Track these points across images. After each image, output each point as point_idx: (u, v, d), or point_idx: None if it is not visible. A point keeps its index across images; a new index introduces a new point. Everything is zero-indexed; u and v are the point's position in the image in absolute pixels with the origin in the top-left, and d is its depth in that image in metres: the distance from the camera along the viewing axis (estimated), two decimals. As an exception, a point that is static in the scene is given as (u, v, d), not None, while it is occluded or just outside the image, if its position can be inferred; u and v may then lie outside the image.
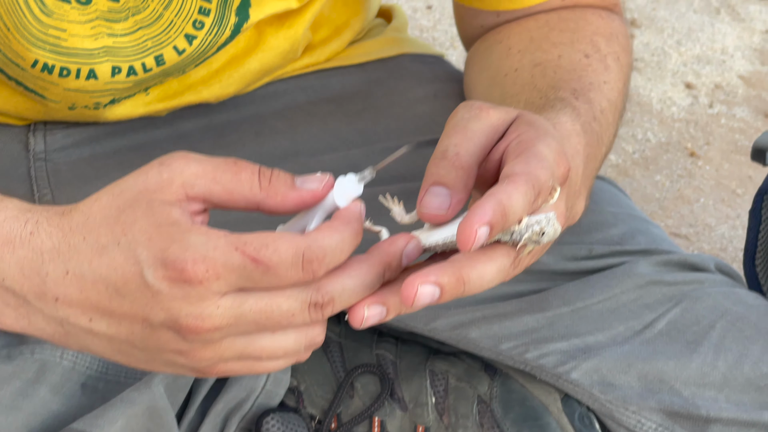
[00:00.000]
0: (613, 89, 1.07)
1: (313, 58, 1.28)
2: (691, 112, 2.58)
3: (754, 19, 2.95)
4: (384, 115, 1.25)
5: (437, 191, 0.78)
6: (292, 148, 1.22)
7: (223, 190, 0.77)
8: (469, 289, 0.76)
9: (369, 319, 0.75)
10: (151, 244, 0.74)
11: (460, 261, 0.76)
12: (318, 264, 0.75)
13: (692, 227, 2.19)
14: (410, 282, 0.73)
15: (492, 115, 0.83)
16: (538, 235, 0.77)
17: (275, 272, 0.74)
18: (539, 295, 1.08)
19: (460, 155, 0.80)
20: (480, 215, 0.73)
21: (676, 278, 1.10)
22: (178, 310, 0.75)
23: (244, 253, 0.73)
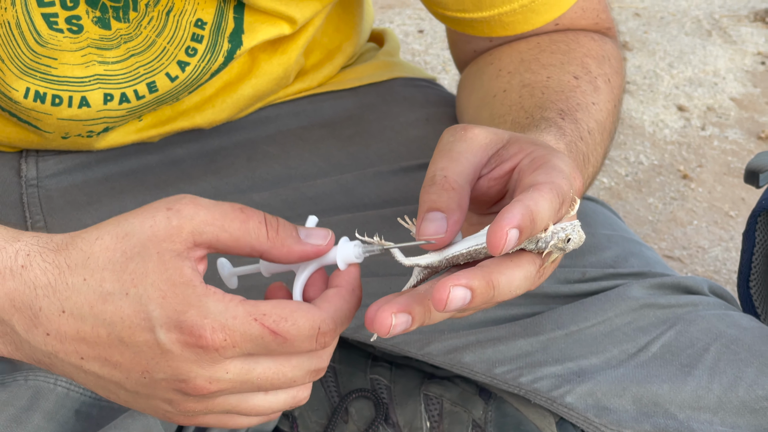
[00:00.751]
0: (602, 110, 1.07)
1: (305, 83, 1.28)
2: (684, 134, 2.58)
3: (746, 42, 2.96)
4: (376, 140, 1.26)
5: (432, 216, 0.79)
6: (285, 173, 1.22)
7: (230, 238, 0.78)
8: (498, 294, 0.76)
9: (396, 327, 0.75)
10: (166, 304, 0.75)
11: (489, 266, 0.76)
12: (330, 336, 0.77)
13: (685, 250, 2.20)
14: (442, 285, 0.73)
15: (478, 134, 0.84)
16: (564, 241, 0.77)
17: (291, 344, 0.76)
18: (533, 319, 1.08)
19: (449, 178, 0.81)
20: (509, 218, 0.73)
21: (669, 301, 1.10)
22: (187, 371, 0.76)
23: (263, 325, 0.75)
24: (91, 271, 0.76)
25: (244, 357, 0.77)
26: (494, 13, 1.13)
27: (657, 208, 2.33)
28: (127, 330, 0.76)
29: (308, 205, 1.18)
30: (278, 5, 1.08)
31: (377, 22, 3.04)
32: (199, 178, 1.22)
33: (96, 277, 0.76)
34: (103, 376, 0.79)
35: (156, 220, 0.76)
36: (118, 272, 0.76)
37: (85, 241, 0.78)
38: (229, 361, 0.76)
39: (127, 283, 0.75)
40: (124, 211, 1.14)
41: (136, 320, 0.75)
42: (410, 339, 1.08)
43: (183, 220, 0.76)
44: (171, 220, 0.77)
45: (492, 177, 0.84)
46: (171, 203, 0.77)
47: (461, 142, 0.84)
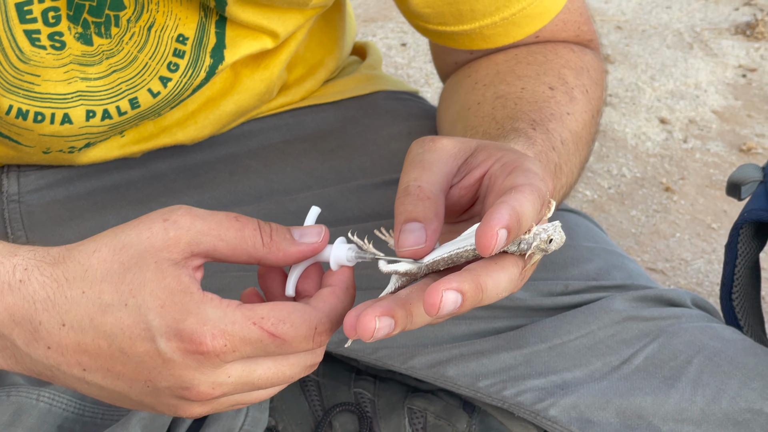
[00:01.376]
0: (578, 121, 1.07)
1: (288, 98, 1.28)
2: (666, 147, 2.59)
3: (727, 55, 2.97)
4: (358, 153, 1.26)
5: (410, 227, 0.79)
6: (267, 188, 1.22)
7: (227, 246, 0.78)
8: (486, 297, 0.76)
9: (380, 330, 0.75)
10: (165, 313, 0.75)
11: (476, 270, 0.76)
12: (327, 335, 0.78)
13: (668, 262, 2.20)
14: (434, 289, 0.73)
15: (446, 144, 0.85)
16: (546, 242, 0.77)
17: (290, 345, 0.77)
18: (516, 332, 1.08)
19: (423, 187, 0.81)
20: (498, 219, 0.73)
21: (652, 313, 1.10)
22: (190, 378, 0.77)
23: (262, 329, 0.76)
24: (89, 283, 0.77)
25: (244, 360, 0.77)
26: (475, 27, 1.13)
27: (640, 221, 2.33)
28: (127, 341, 0.76)
29: (290, 219, 1.18)
30: (260, 19, 1.08)
31: (360, 35, 3.04)
32: (182, 193, 1.21)
33: (95, 289, 0.77)
34: (106, 387, 0.79)
35: (153, 232, 0.77)
36: (116, 283, 0.76)
37: (83, 254, 0.78)
38: (230, 365, 0.77)
39: (126, 294, 0.76)
40: (106, 226, 1.14)
41: (136, 330, 0.76)
42: (393, 353, 1.08)
43: (180, 230, 0.77)
44: (168, 231, 0.77)
45: (463, 186, 0.84)
46: (167, 214, 0.78)
47: (431, 152, 0.84)
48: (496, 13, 1.12)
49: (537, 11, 1.14)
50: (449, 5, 1.12)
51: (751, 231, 1.24)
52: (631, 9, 3.23)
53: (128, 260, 0.77)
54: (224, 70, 1.11)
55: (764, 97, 2.79)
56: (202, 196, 1.21)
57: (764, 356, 1.08)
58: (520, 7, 1.12)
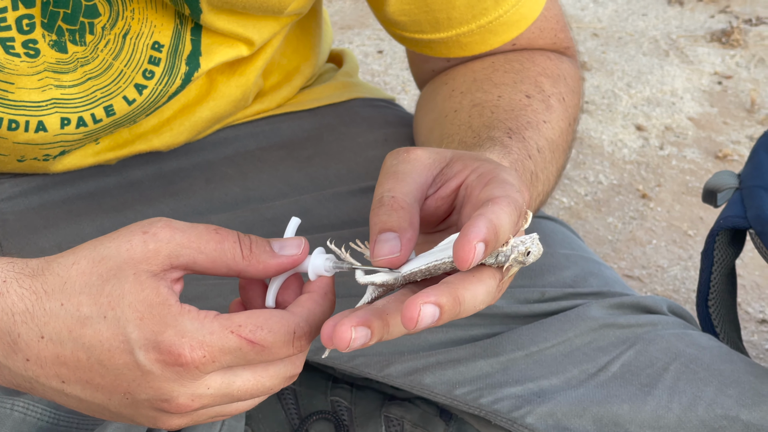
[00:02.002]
0: (554, 129, 1.08)
1: (264, 105, 1.28)
2: (642, 154, 2.60)
3: (703, 62, 2.98)
4: (335, 160, 1.25)
5: (385, 237, 0.79)
6: (243, 195, 1.22)
7: (207, 259, 0.79)
8: (463, 309, 0.75)
9: (356, 341, 0.75)
10: (143, 325, 0.75)
11: (454, 282, 0.76)
12: (306, 340, 0.78)
13: (645, 269, 2.21)
14: (412, 303, 0.73)
15: (420, 155, 0.85)
16: (524, 254, 0.77)
17: (269, 351, 0.76)
18: (493, 340, 1.08)
19: (397, 198, 0.81)
20: (476, 232, 0.73)
21: (629, 321, 1.10)
22: (169, 390, 0.77)
23: (240, 336, 0.76)
24: (68, 295, 0.77)
25: (224, 370, 0.77)
26: (452, 35, 1.14)
27: (616, 228, 2.34)
28: (106, 353, 0.76)
29: (267, 226, 1.18)
30: (235, 27, 1.08)
31: (336, 42, 3.04)
32: (158, 201, 1.21)
33: (73, 301, 0.77)
34: (85, 399, 0.79)
35: (132, 244, 0.77)
36: (94, 295, 0.76)
37: (62, 266, 0.78)
38: (209, 376, 0.77)
39: (105, 306, 0.76)
40: (81, 234, 1.15)
41: (114, 343, 0.76)
42: (370, 361, 1.07)
43: (159, 243, 0.77)
44: (147, 243, 0.77)
45: (439, 196, 0.85)
46: (146, 227, 0.78)
47: (405, 163, 0.84)
48: (473, 20, 1.12)
49: (514, 19, 1.14)
50: (426, 13, 1.12)
51: (727, 238, 1.24)
52: (607, 16, 3.24)
53: (107, 272, 0.77)
54: (200, 77, 1.11)
55: (740, 104, 2.80)
56: (177, 203, 1.21)
57: (740, 363, 1.08)
58: (497, 14, 1.12)
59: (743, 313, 2.08)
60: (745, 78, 2.91)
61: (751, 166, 1.26)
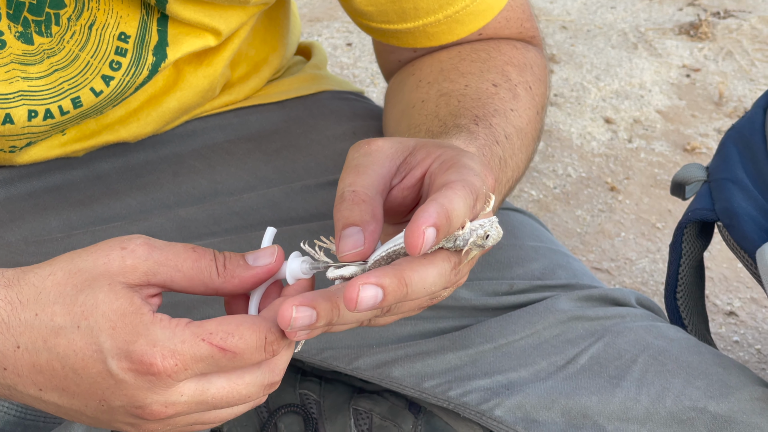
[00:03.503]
0: (522, 117, 1.08)
1: (232, 96, 1.28)
2: (611, 146, 2.60)
3: (671, 55, 2.99)
4: (303, 153, 1.25)
5: (348, 232, 0.79)
6: (211, 188, 1.22)
7: (184, 277, 0.80)
8: (412, 291, 0.76)
9: (297, 320, 0.75)
10: (116, 335, 0.76)
11: (401, 264, 0.76)
12: (278, 345, 0.78)
13: (613, 261, 2.21)
14: (352, 284, 0.74)
15: (381, 146, 0.85)
16: (483, 238, 0.78)
17: (241, 357, 0.77)
18: (461, 332, 1.08)
19: (357, 192, 0.81)
20: (425, 218, 0.74)
21: (597, 313, 1.10)
22: (142, 398, 0.77)
23: (211, 344, 0.76)
24: (42, 305, 0.78)
25: (197, 378, 0.78)
26: (419, 24, 1.14)
27: (585, 221, 2.34)
28: (80, 362, 0.77)
29: (235, 219, 1.18)
30: (202, 17, 1.07)
31: (305, 35, 3.03)
32: (125, 194, 1.21)
33: (47, 311, 0.78)
34: (63, 405, 0.80)
35: (110, 258, 0.78)
36: (68, 305, 0.77)
37: (38, 276, 0.79)
38: (182, 384, 0.78)
39: (78, 316, 0.77)
40: (48, 228, 1.14)
41: (88, 352, 0.77)
42: (339, 354, 1.07)
43: (137, 260, 0.78)
44: (125, 259, 0.78)
45: (405, 186, 0.85)
46: (125, 242, 0.79)
47: (365, 156, 0.84)
48: (440, 11, 1.12)
49: (480, 9, 1.14)
50: (393, 3, 1.12)
51: (695, 230, 1.25)
52: (576, 9, 3.25)
53: (81, 283, 0.78)
54: (167, 67, 1.10)
55: (708, 97, 2.81)
56: (145, 197, 1.21)
57: (708, 355, 1.08)
58: (464, 4, 1.12)
59: (711, 305, 2.09)
60: (713, 71, 2.92)
61: (720, 159, 1.26)
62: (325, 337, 1.08)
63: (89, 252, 0.79)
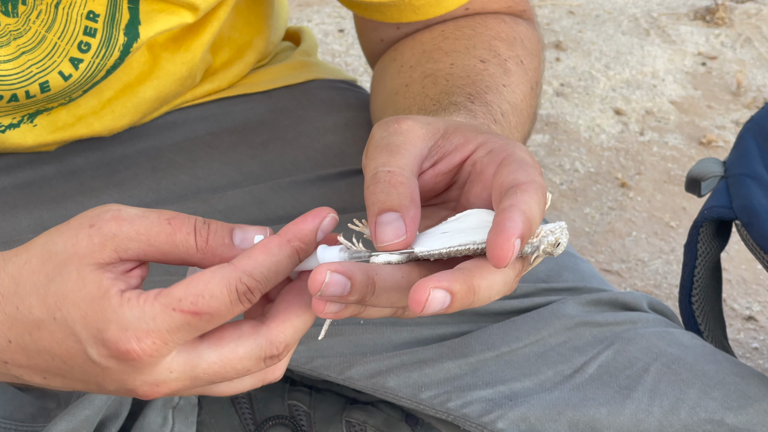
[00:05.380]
0: (515, 92, 1.07)
1: (214, 84, 1.28)
2: (621, 140, 2.61)
3: (686, 41, 2.99)
4: (291, 147, 1.25)
5: (386, 219, 0.78)
6: (193, 184, 1.21)
7: (157, 252, 0.79)
8: (477, 299, 0.75)
9: (329, 286, 0.73)
10: (88, 324, 0.77)
11: (471, 270, 0.74)
12: (255, 293, 0.77)
13: (624, 263, 2.21)
14: (422, 285, 0.72)
15: (412, 126, 0.84)
16: (553, 246, 0.77)
17: (219, 315, 0.76)
18: (461, 339, 1.08)
19: (394, 173, 0.80)
20: (513, 227, 0.72)
21: (607, 318, 1.10)
22: (131, 381, 0.78)
23: (183, 311, 0.75)
24: (21, 298, 0.79)
25: (185, 352, 0.78)
26: None
27: (594, 219, 2.34)
28: (65, 353, 0.78)
29: (218, 218, 1.17)
30: None
31: (294, 20, 3.03)
32: (100, 191, 1.20)
33: (26, 304, 0.79)
34: (66, 386, 0.82)
35: (78, 239, 0.78)
36: (42, 296, 0.78)
37: (15, 266, 0.80)
38: (168, 360, 0.77)
39: (53, 307, 0.78)
40: (18, 228, 1.14)
41: (69, 343, 0.78)
42: (330, 362, 1.07)
43: (105, 238, 0.78)
44: (93, 238, 0.78)
45: (439, 171, 0.84)
46: (93, 219, 0.79)
47: (397, 135, 0.83)
48: None
49: None
50: None
51: (712, 229, 1.25)
52: (584, -7, 3.25)
53: (53, 270, 0.78)
54: (140, 49, 1.10)
55: (725, 87, 2.82)
56: (122, 194, 1.20)
57: (725, 363, 1.08)
58: None
59: (729, 309, 2.09)
60: (730, 59, 2.93)
61: (737, 153, 1.26)
62: (315, 344, 1.08)
63: (61, 232, 0.79)
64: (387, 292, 0.76)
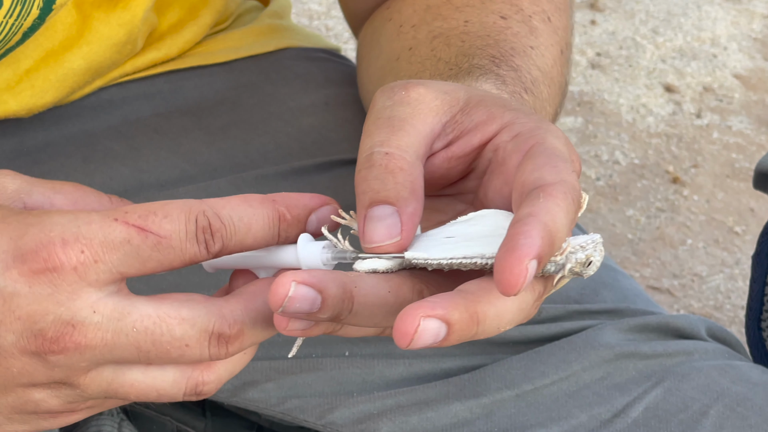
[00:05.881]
0: (545, 56, 1.07)
1: (161, 52, 1.28)
2: (673, 123, 2.61)
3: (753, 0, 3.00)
4: (258, 132, 1.25)
5: (378, 213, 0.77)
6: (135, 179, 1.21)
7: (65, 200, 0.81)
8: (482, 330, 0.73)
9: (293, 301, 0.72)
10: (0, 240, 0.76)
11: (475, 293, 0.73)
12: (218, 240, 0.76)
13: (676, 278, 2.21)
14: (410, 313, 0.70)
15: (424, 94, 0.83)
16: (583, 265, 0.75)
17: (168, 244, 0.75)
18: (472, 375, 1.08)
19: (392, 155, 0.79)
20: (528, 246, 0.70)
21: (655, 348, 1.10)
22: (42, 314, 0.75)
23: (127, 224, 0.75)
24: None
25: (114, 296, 0.76)
26: None
27: (638, 223, 2.35)
28: None
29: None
30: None
31: (263, -27, 3.04)
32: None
33: None
34: None
35: None
36: None
37: None
38: (93, 294, 0.76)
39: None
40: None
41: None
42: (307, 404, 1.08)
43: (5, 178, 0.82)
44: None
45: (453, 155, 0.83)
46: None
47: (403, 105, 0.82)
48: None
49: None
50: None
51: (788, 236, 1.25)
52: (626, -61, 3.26)
53: None
54: (65, 5, 1.10)
55: (803, 58, 2.82)
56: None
57: (804, 405, 1.09)
58: None
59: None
60: (809, 22, 2.94)
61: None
62: (288, 381, 1.08)
63: None
64: (369, 310, 0.75)
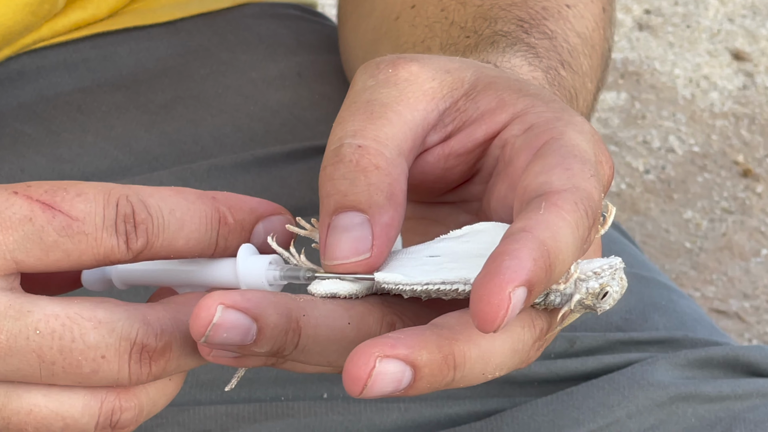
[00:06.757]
0: (584, 16, 1.06)
1: (86, 12, 1.28)
2: (744, 101, 2.62)
3: None
4: (211, 111, 1.25)
5: (343, 222, 0.77)
6: (52, 170, 1.22)
7: None
8: (461, 377, 0.73)
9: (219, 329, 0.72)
10: None
11: (453, 329, 0.73)
12: (137, 229, 0.76)
13: (748, 299, 2.22)
14: (363, 352, 0.70)
15: (417, 73, 0.83)
16: (596, 297, 0.74)
17: (81, 229, 0.76)
18: (486, 423, 1.08)
19: (367, 149, 0.79)
20: (514, 271, 0.69)
21: (721, 389, 1.11)
22: None
23: (30, 198, 0.76)
24: None
25: (11, 293, 0.77)
26: None
27: (699, 229, 2.35)
28: None
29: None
30: None
31: None
32: None
33: None
34: None
35: None
36: None
37: None
38: None
39: None
40: None
41: None
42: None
43: None
44: None
45: (454, 151, 0.83)
46: None
47: (389, 86, 0.82)
48: None
49: None
50: None
51: None
52: None
53: None
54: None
55: None
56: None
57: None
58: None
59: None
60: None
61: None
62: (250, 431, 1.08)
63: None
64: (320, 346, 0.75)
